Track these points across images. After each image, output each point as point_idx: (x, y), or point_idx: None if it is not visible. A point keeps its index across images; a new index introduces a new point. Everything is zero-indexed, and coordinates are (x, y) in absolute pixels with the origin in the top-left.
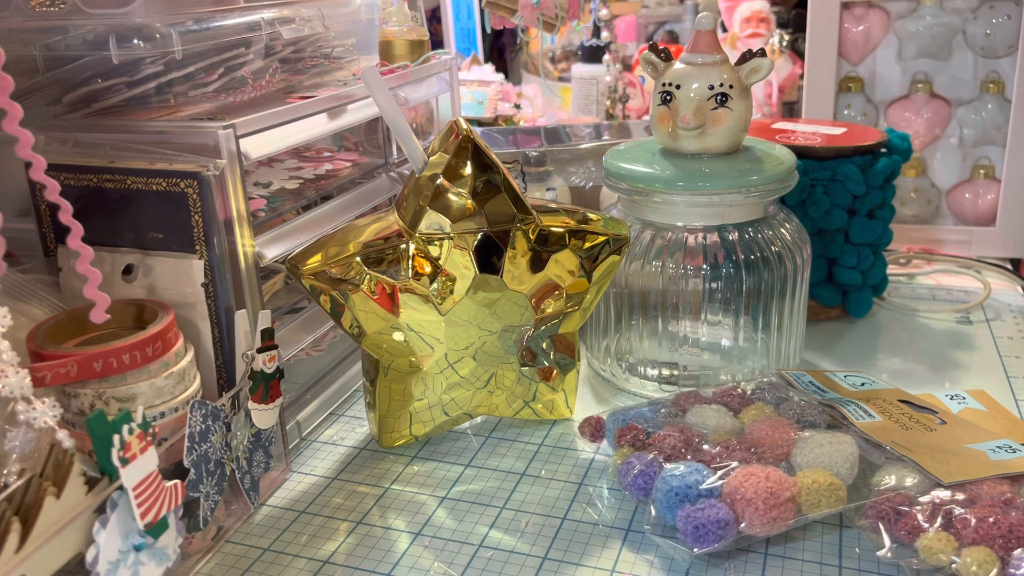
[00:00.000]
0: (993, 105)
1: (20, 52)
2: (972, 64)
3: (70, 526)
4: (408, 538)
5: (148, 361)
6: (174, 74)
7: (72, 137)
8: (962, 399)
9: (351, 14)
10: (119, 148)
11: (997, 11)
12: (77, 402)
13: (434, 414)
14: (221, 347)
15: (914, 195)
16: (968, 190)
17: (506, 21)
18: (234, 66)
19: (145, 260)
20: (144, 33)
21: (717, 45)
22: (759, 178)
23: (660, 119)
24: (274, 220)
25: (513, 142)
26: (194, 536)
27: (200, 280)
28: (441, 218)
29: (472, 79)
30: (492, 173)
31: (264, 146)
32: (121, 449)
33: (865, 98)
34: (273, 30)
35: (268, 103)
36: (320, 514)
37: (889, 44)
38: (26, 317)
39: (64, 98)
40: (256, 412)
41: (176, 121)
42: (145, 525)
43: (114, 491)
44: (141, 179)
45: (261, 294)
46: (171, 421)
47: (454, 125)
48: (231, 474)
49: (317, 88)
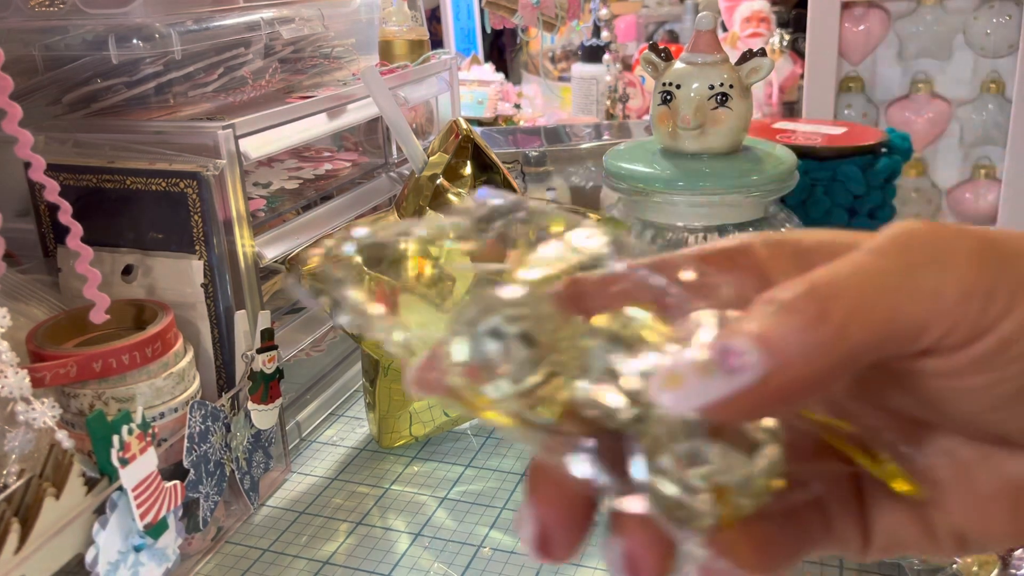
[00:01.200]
0: (993, 105)
1: (20, 52)
2: (972, 64)
3: (69, 527)
4: (408, 539)
5: (148, 362)
6: (173, 74)
7: (72, 137)
8: None
9: (351, 14)
10: (119, 148)
11: (997, 11)
12: (76, 402)
13: (434, 414)
14: (221, 347)
15: (915, 195)
16: (969, 190)
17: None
18: (234, 66)
19: (145, 260)
20: (143, 33)
21: (717, 45)
22: (760, 178)
23: (660, 119)
24: (274, 220)
25: (513, 142)
26: (194, 537)
27: (200, 280)
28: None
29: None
30: (492, 173)
31: (264, 146)
32: (121, 450)
33: (865, 98)
34: (272, 30)
35: (268, 103)
36: (320, 515)
37: (889, 44)
38: (25, 317)
39: (64, 98)
40: (256, 413)
41: (176, 121)
42: (145, 526)
43: (114, 492)
44: (141, 179)
45: (261, 294)
46: (171, 422)
47: (454, 125)
48: (231, 475)
49: (317, 88)
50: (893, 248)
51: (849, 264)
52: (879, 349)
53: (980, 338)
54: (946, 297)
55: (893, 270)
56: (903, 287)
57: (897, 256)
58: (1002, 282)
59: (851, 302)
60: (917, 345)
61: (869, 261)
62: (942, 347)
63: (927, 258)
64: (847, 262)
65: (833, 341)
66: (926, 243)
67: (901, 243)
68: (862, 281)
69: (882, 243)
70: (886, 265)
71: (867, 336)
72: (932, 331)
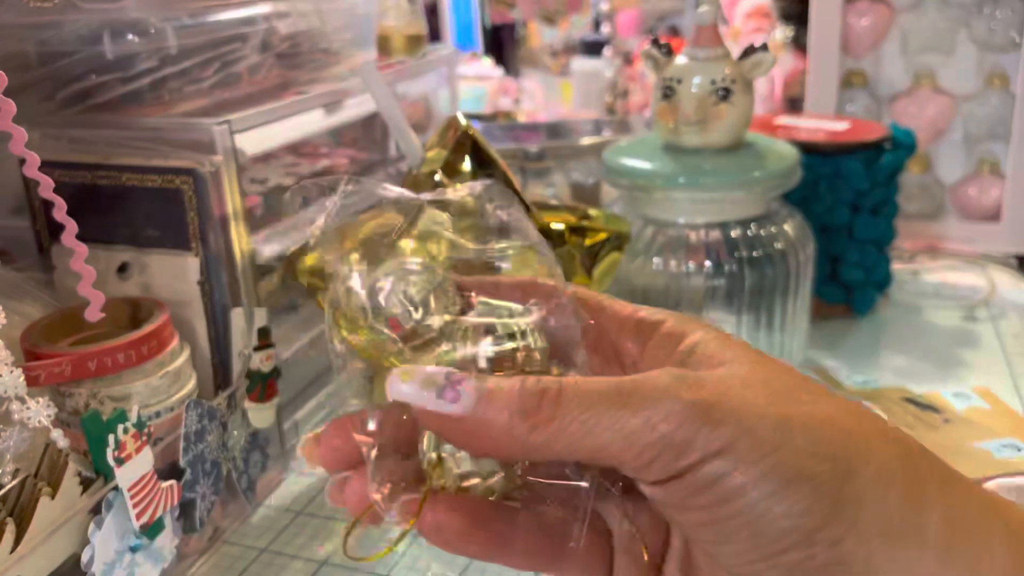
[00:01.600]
0: (997, 100)
1: (14, 48)
2: (976, 59)
3: (65, 527)
4: (406, 539)
5: (143, 360)
6: (169, 69)
7: (66, 133)
8: (967, 397)
9: (348, 8)
10: (114, 144)
11: (1001, 5)
12: (72, 401)
13: None
14: (217, 346)
15: (918, 191)
16: (973, 186)
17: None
18: (230, 61)
19: (140, 258)
20: (139, 28)
21: (719, 39)
22: (761, 174)
23: (661, 114)
24: (271, 217)
25: (513, 138)
26: (190, 537)
27: (196, 278)
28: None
29: (471, 74)
30: (491, 169)
31: (260, 142)
32: (116, 449)
33: (869, 93)
34: (269, 25)
35: (264, 99)
36: (318, 515)
37: (893, 38)
38: (20, 316)
39: (58, 94)
40: (253, 411)
41: (171, 117)
42: (141, 526)
43: (109, 491)
44: (136, 175)
45: (258, 292)
46: (167, 421)
47: (453, 120)
48: (228, 474)
49: (314, 83)
50: (631, 385)
51: (600, 387)
52: (587, 459)
53: (675, 479)
54: (641, 440)
55: (617, 407)
56: (614, 426)
57: (624, 396)
58: (699, 438)
59: (573, 423)
60: (621, 467)
61: (614, 393)
62: (643, 477)
63: (643, 406)
64: (602, 386)
65: (532, 440)
66: (648, 396)
67: (637, 385)
68: (591, 407)
69: (634, 383)
70: (619, 401)
71: (564, 450)
72: (627, 463)
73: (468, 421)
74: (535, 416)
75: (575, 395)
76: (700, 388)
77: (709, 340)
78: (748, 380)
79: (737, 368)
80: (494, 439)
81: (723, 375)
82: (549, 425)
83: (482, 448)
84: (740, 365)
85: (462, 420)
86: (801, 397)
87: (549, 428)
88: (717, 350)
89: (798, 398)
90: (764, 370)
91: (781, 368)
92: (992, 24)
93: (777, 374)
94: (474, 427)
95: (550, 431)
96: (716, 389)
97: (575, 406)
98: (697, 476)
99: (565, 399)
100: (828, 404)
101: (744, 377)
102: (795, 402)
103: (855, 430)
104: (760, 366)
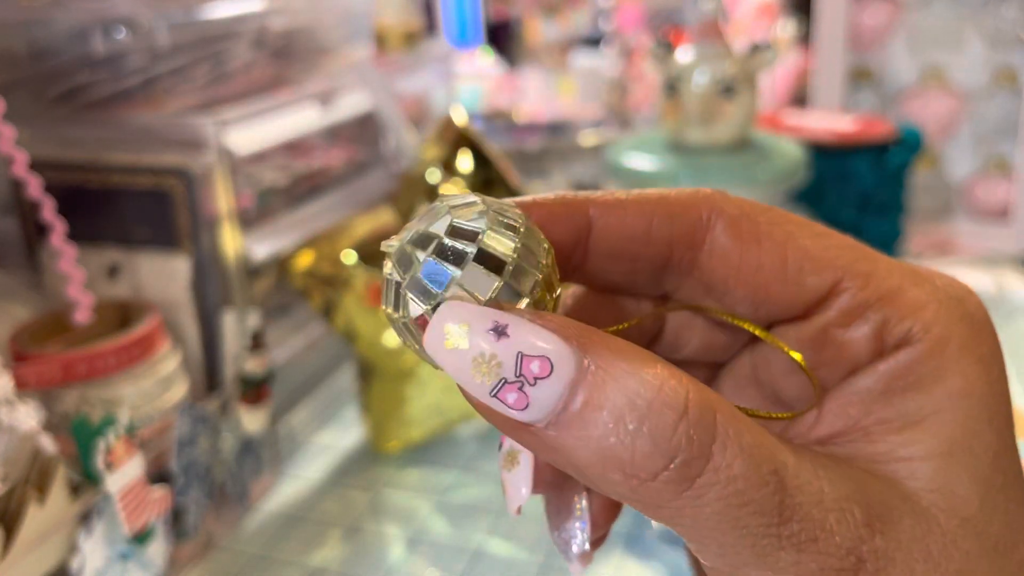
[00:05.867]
0: (1006, 97)
1: (2, 45)
2: (984, 56)
3: (55, 534)
4: (402, 544)
5: (133, 363)
6: (160, 67)
7: (56, 131)
8: None
9: (343, 4)
10: (104, 142)
11: (1009, 1)
12: (61, 405)
13: (429, 416)
14: (209, 349)
15: (925, 189)
16: (980, 184)
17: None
18: (223, 59)
19: (130, 259)
20: (130, 24)
21: (722, 35)
22: (766, 172)
23: (665, 111)
24: (263, 217)
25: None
26: (182, 543)
27: (187, 279)
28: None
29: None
30: (490, 167)
31: (253, 141)
32: (106, 454)
33: (875, 90)
34: (262, 22)
35: (258, 96)
36: (312, 520)
37: (899, 34)
38: (8, 317)
39: (48, 92)
40: (245, 415)
41: (162, 115)
42: (131, 533)
43: (99, 498)
44: (126, 175)
45: (250, 294)
46: (157, 425)
47: (450, 118)
48: (220, 479)
49: (308, 81)
50: (787, 497)
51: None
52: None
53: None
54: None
55: (767, 524)
56: (760, 560)
57: (776, 511)
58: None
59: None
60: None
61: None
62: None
63: (797, 540)
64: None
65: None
66: (805, 521)
67: (794, 498)
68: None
69: (790, 489)
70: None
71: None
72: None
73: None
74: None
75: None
76: (882, 555)
77: (932, 341)
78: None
79: (955, 481)
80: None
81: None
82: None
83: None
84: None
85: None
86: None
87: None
88: (939, 366)
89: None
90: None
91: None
92: (1000, 21)
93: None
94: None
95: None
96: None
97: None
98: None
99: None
100: None
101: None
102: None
103: None
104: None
